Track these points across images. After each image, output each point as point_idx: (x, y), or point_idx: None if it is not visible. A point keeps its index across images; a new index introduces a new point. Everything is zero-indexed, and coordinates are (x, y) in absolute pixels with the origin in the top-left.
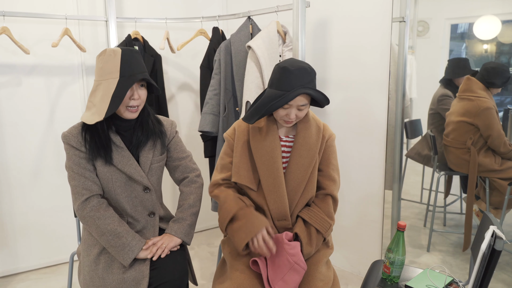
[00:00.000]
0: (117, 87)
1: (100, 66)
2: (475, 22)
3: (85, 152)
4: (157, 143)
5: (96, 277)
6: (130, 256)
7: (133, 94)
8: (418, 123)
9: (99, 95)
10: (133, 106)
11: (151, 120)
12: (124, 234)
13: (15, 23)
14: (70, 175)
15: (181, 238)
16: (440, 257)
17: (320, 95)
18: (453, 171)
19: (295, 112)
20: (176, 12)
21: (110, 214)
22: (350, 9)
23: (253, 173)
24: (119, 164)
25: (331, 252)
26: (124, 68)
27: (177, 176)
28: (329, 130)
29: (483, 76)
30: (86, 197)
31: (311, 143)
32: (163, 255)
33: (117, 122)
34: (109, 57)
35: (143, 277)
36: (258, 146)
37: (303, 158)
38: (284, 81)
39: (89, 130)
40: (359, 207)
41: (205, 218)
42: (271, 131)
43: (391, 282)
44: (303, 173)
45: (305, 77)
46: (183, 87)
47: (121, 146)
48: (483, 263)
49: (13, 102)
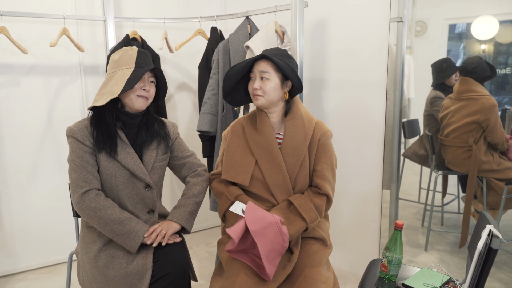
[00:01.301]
0: (133, 73)
1: (115, 59)
2: (473, 22)
3: (90, 147)
4: (161, 144)
5: (97, 273)
6: (136, 241)
7: (145, 85)
8: (416, 123)
9: (112, 82)
10: (144, 97)
11: (157, 122)
12: (128, 221)
13: (14, 23)
14: (72, 167)
15: (181, 223)
16: (437, 256)
17: (281, 62)
18: (451, 171)
19: (258, 83)
20: (175, 12)
21: (110, 204)
22: (348, 9)
23: (245, 169)
24: (123, 160)
25: (330, 252)
26: (139, 60)
27: (184, 173)
28: (323, 127)
29: (473, 76)
30: (85, 189)
31: (298, 141)
32: (163, 242)
33: (123, 118)
34: (126, 51)
35: (146, 270)
36: (255, 143)
37: (290, 156)
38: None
39: (97, 123)
40: (357, 207)
41: (203, 218)
42: (265, 126)
43: (389, 281)
44: (290, 172)
45: (274, 50)
46: (182, 87)
47: (126, 142)
48: (480, 262)
49: (11, 102)
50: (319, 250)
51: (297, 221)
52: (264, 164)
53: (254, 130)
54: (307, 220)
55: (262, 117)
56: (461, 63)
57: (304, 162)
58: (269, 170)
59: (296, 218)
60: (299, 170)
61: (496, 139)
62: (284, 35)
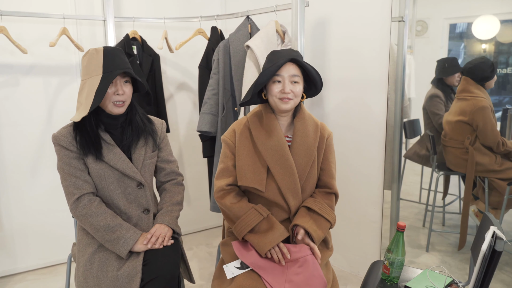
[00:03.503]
0: (101, 82)
1: (84, 65)
2: (473, 21)
3: (76, 152)
4: (149, 141)
5: (90, 276)
6: (125, 248)
7: (117, 89)
8: (417, 123)
9: (85, 93)
10: (119, 101)
11: (139, 117)
12: (118, 228)
13: (13, 22)
14: (62, 176)
15: (173, 227)
16: (439, 257)
17: (311, 68)
18: (452, 171)
19: (289, 86)
20: (175, 12)
21: (102, 211)
22: (349, 9)
23: (259, 174)
24: (111, 161)
25: (330, 254)
26: (106, 64)
27: (161, 177)
28: (327, 128)
29: (473, 76)
30: (77, 196)
31: (309, 142)
32: (165, 243)
33: (105, 120)
34: (92, 56)
35: (136, 273)
36: (265, 146)
37: (301, 156)
38: (272, 57)
39: (79, 128)
40: (358, 207)
41: (203, 219)
42: (274, 129)
43: (391, 283)
44: (301, 172)
45: (293, 52)
46: (182, 86)
47: (111, 144)
48: (484, 264)
49: (11, 102)
50: (319, 251)
51: (324, 223)
52: (275, 168)
53: (263, 133)
54: (331, 221)
55: (271, 119)
56: (462, 62)
57: (314, 163)
58: (281, 173)
59: (322, 221)
60: (309, 171)
61: (486, 141)
62: (284, 34)
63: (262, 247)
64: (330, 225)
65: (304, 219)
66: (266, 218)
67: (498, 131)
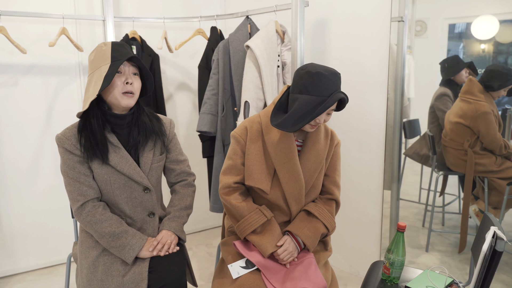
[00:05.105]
0: (110, 68)
1: (92, 59)
2: (473, 21)
3: (80, 155)
4: (158, 143)
5: (95, 280)
6: (131, 254)
7: (126, 78)
8: (417, 123)
9: (93, 82)
10: (129, 92)
11: (147, 116)
12: (123, 234)
13: (12, 22)
14: (66, 181)
15: (179, 234)
16: (439, 257)
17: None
18: (451, 171)
19: (324, 116)
20: (174, 12)
21: (106, 217)
22: (349, 9)
23: (266, 175)
24: (118, 165)
25: (329, 255)
26: (115, 54)
27: (172, 178)
28: (336, 136)
29: (482, 78)
30: (81, 203)
31: (320, 149)
32: (170, 250)
33: (111, 120)
34: (100, 48)
35: (141, 280)
36: (275, 148)
37: (310, 162)
38: (321, 86)
39: (84, 130)
40: (358, 207)
41: (203, 219)
42: (288, 134)
43: (391, 283)
44: (308, 178)
45: (337, 81)
46: (181, 87)
47: (118, 146)
48: (484, 265)
49: (10, 102)
50: (317, 252)
51: (320, 229)
52: (282, 171)
53: (274, 134)
54: (329, 228)
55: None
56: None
57: (322, 169)
58: (287, 177)
59: (319, 226)
60: (317, 177)
61: (490, 145)
62: (284, 34)
63: (264, 249)
64: (327, 232)
65: (299, 226)
66: (269, 220)
67: (501, 135)
